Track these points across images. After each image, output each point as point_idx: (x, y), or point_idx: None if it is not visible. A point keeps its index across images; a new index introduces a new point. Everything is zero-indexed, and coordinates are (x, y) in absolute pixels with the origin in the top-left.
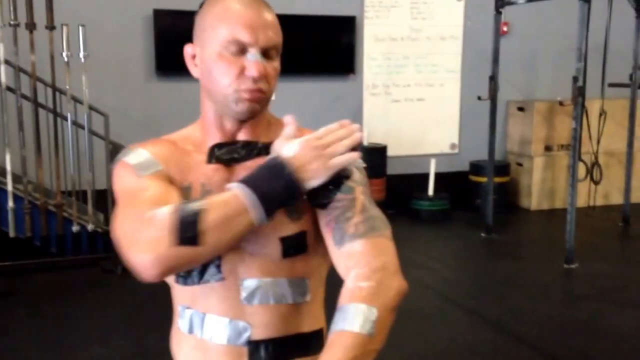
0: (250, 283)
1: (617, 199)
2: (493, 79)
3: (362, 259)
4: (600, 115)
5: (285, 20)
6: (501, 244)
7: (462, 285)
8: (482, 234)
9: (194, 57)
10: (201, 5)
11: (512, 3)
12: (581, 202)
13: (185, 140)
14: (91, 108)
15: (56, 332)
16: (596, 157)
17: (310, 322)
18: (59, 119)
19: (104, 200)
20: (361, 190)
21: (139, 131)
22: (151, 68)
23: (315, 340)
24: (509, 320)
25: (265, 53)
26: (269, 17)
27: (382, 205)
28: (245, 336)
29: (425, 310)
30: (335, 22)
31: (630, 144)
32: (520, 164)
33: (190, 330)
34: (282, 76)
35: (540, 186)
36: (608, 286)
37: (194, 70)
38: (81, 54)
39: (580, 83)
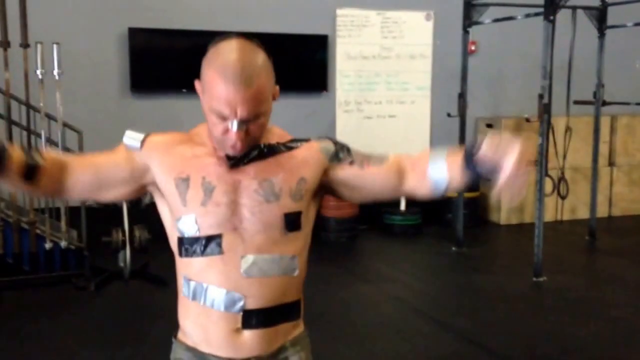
0: (249, 258)
1: (583, 213)
2: (462, 96)
3: (401, 156)
4: (566, 131)
5: (261, 39)
6: (471, 257)
7: (433, 298)
8: (453, 248)
9: (201, 92)
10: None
11: (479, 23)
12: (549, 216)
13: (197, 138)
14: (65, 125)
15: (28, 350)
16: (562, 173)
17: (293, 294)
18: (32, 137)
19: (78, 217)
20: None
21: (113, 148)
22: (126, 85)
23: (296, 308)
24: (479, 332)
25: (247, 120)
26: (253, 91)
27: (355, 220)
28: (239, 305)
29: (397, 323)
30: (309, 40)
31: (595, 160)
32: (489, 179)
33: (194, 298)
34: None
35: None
36: (575, 298)
37: (202, 102)
38: (55, 72)
39: (545, 100)
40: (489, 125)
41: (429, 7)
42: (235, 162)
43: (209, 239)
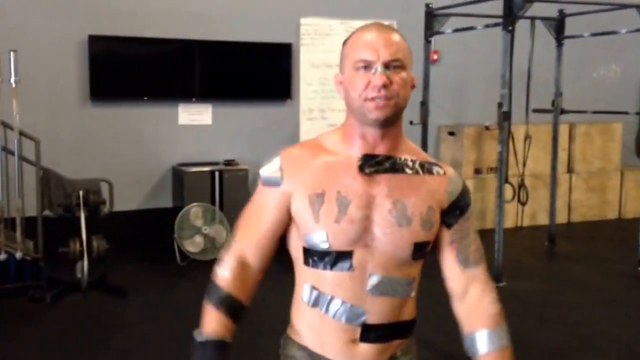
0: (376, 277)
1: (543, 219)
2: (424, 104)
3: (486, 283)
4: (526, 139)
5: (225, 47)
6: (433, 264)
7: None
8: None
9: (340, 82)
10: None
11: (440, 33)
12: (510, 222)
13: (329, 147)
14: (22, 134)
15: None
16: (522, 180)
17: (409, 313)
18: None
19: (34, 228)
20: (473, 219)
21: (72, 156)
22: (85, 93)
23: (411, 326)
24: (439, 338)
25: (388, 66)
26: (392, 37)
27: None
28: (361, 319)
29: None
30: (273, 48)
31: (554, 167)
32: None
33: (315, 305)
34: (221, 101)
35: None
36: (535, 303)
37: (340, 93)
38: (12, 79)
39: (505, 108)
40: (451, 133)
41: (391, 17)
42: (367, 161)
43: (340, 254)
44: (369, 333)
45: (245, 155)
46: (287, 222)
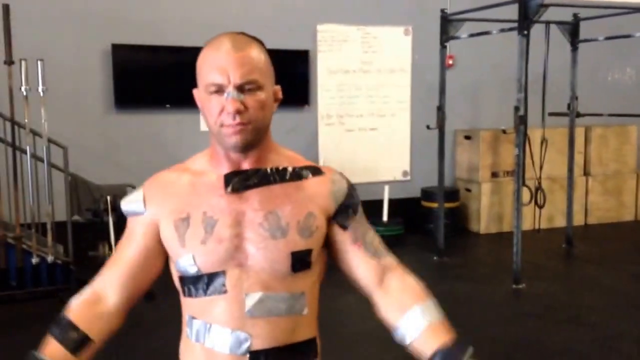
0: (254, 297)
1: (560, 221)
2: (440, 109)
3: (402, 268)
4: (542, 142)
5: None
6: (452, 266)
7: None
8: (434, 257)
9: (198, 91)
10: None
11: (456, 37)
12: (527, 225)
13: (196, 168)
14: (50, 141)
15: None
16: (539, 183)
17: (305, 332)
18: (18, 152)
19: (64, 232)
20: (364, 215)
21: (98, 163)
22: (110, 101)
23: (309, 348)
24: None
25: (242, 88)
26: (244, 54)
27: None
28: (245, 346)
29: (377, 331)
30: (291, 55)
31: (570, 170)
32: (468, 190)
33: (197, 339)
34: None
35: (488, 211)
36: (554, 304)
37: (202, 110)
38: (40, 88)
39: (521, 112)
40: (467, 137)
41: (407, 23)
42: (233, 179)
43: (212, 277)
44: None
45: None
46: (159, 250)
